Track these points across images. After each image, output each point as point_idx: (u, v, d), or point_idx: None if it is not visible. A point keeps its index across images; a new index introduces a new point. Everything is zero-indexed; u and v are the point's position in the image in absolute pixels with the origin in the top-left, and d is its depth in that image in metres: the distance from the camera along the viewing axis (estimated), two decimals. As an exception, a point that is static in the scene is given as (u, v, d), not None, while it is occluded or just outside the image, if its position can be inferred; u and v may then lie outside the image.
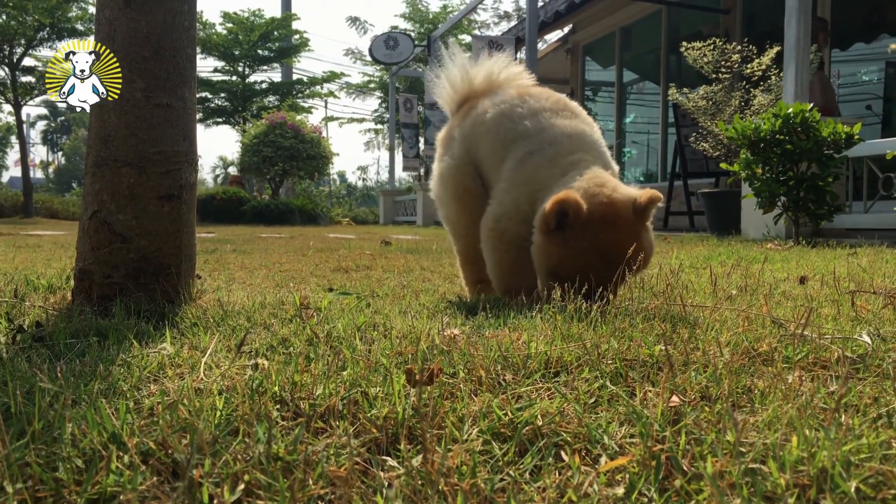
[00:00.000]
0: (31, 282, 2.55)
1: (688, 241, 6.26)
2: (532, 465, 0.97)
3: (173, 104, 2.15)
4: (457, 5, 26.67)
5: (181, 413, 1.08)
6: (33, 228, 12.05)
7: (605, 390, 1.25)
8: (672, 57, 13.64)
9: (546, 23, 14.68)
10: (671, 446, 0.99)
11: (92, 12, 20.97)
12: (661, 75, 13.96)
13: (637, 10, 14.14)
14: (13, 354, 1.46)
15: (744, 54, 8.79)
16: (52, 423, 1.02)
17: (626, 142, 16.32)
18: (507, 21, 28.39)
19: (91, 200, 2.12)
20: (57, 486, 0.86)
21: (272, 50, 23.57)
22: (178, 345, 1.58)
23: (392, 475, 0.94)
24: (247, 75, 23.88)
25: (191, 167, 2.22)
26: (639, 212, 2.09)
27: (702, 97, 8.95)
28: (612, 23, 15.15)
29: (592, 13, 14.92)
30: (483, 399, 1.19)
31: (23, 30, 20.01)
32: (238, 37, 22.60)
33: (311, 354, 1.47)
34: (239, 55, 22.96)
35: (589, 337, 1.54)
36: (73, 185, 56.81)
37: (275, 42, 23.41)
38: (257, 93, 23.65)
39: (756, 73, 8.59)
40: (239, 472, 0.90)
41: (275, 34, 23.13)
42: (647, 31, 14.59)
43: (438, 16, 25.99)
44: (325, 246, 6.53)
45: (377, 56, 17.69)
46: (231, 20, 22.21)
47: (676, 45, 11.50)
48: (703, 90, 9.00)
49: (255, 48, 23.03)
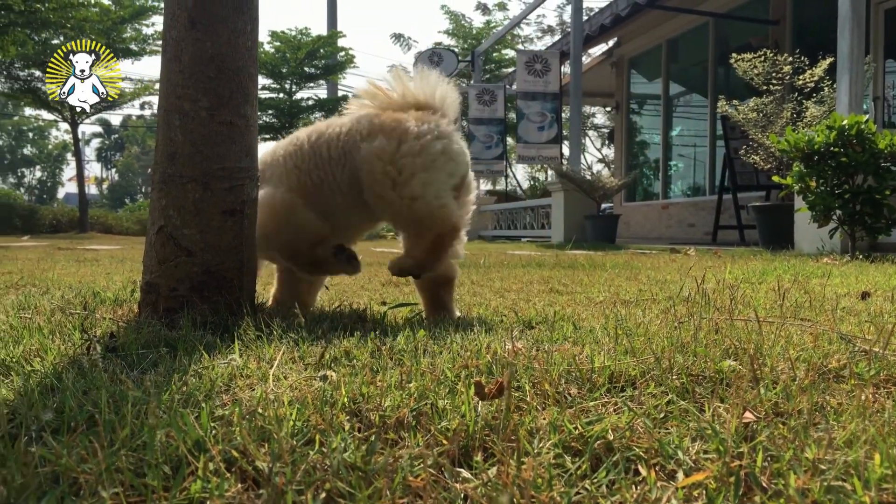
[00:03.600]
0: (98, 294, 2.63)
1: (740, 256, 6.16)
2: (607, 479, 0.97)
3: (236, 122, 2.21)
4: (500, 20, 26.82)
5: (257, 422, 1.11)
6: (89, 243, 12.40)
7: (673, 405, 1.24)
8: (720, 69, 13.48)
9: (591, 36, 14.65)
10: (748, 463, 0.98)
11: (145, 33, 21.64)
12: (709, 87, 13.81)
13: (684, 22, 14.03)
14: (90, 365, 1.51)
15: (795, 65, 8.65)
16: (135, 430, 1.06)
17: (672, 155, 16.15)
18: (551, 35, 28.39)
19: (158, 215, 2.18)
20: (147, 492, 0.89)
21: (318, 67, 23.93)
22: (245, 356, 1.61)
23: (467, 486, 0.95)
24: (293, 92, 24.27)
25: (253, 183, 2.27)
26: None
27: (752, 109, 8.82)
28: (658, 35, 15.05)
29: (638, 26, 14.85)
30: (551, 413, 1.19)
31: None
32: (285, 55, 23.01)
33: (376, 367, 1.50)
34: (286, 73, 23.36)
35: (651, 352, 1.53)
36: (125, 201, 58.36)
37: (321, 59, 23.76)
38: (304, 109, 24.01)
39: (808, 85, 8.44)
40: (319, 480, 0.92)
41: (321, 52, 23.49)
42: (694, 43, 14.46)
43: (481, 31, 26.13)
44: (373, 260, 6.58)
45: (422, 72, 17.82)
46: (279, 39, 22.62)
47: (724, 57, 11.38)
48: (753, 102, 8.88)
49: (301, 66, 23.41)
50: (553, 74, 13.69)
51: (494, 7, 27.62)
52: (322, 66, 23.83)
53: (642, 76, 17.03)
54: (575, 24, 12.11)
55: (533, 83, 13.45)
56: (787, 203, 8.35)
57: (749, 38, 12.27)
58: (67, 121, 23.10)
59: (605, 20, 14.03)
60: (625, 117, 17.24)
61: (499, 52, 25.61)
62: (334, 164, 2.32)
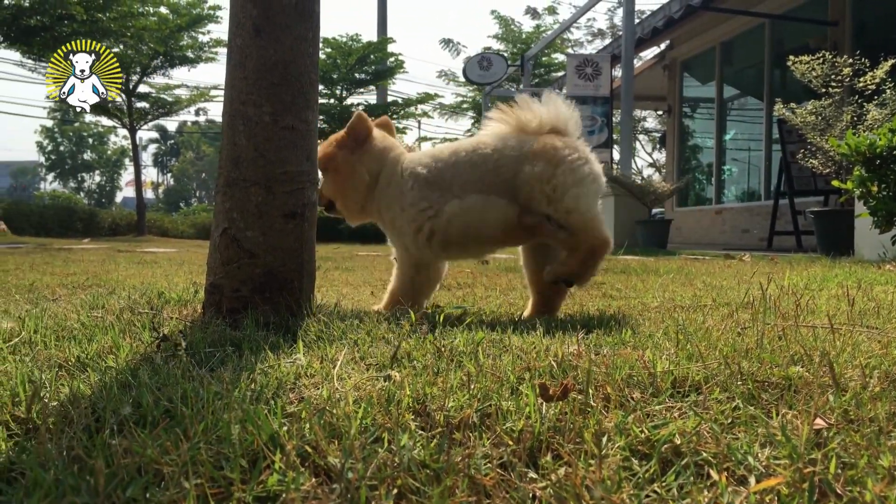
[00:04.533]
0: (163, 295, 2.71)
1: (798, 262, 6.02)
2: (676, 483, 0.96)
3: (298, 126, 2.26)
4: (550, 24, 26.69)
5: (327, 419, 1.13)
6: (147, 246, 12.74)
7: (740, 411, 1.23)
8: (776, 71, 13.20)
9: (643, 39, 14.49)
10: (821, 469, 0.96)
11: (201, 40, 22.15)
12: (765, 90, 13.53)
13: (739, 24, 13.78)
14: (162, 362, 1.56)
15: (855, 67, 8.42)
16: (210, 425, 1.09)
17: (725, 159, 15.86)
18: (601, 39, 28.18)
19: (222, 218, 2.24)
20: (226, 484, 0.92)
21: (369, 73, 24.19)
22: (308, 356, 1.65)
23: (536, 486, 0.96)
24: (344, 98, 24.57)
25: (313, 186, 2.32)
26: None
27: (810, 112, 8.61)
28: (712, 38, 14.81)
29: (691, 28, 14.64)
30: (616, 416, 1.19)
31: (139, 58, 21.30)
32: (336, 61, 23.31)
33: (437, 368, 1.51)
34: (337, 79, 23.66)
35: (720, 356, 1.52)
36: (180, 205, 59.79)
37: (371, 65, 24.01)
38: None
39: (869, 87, 8.21)
40: (390, 477, 0.94)
41: (371, 57, 23.74)
42: (749, 46, 14.19)
43: (531, 35, 26.05)
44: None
45: (471, 76, 17.87)
46: (330, 45, 22.93)
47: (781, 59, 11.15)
48: (811, 105, 8.67)
49: (352, 72, 23.69)
50: (604, 78, 13.58)
51: (544, 11, 27.61)
52: (372, 72, 24.08)
53: (695, 79, 16.77)
54: (627, 27, 12.01)
55: (583, 87, 13.37)
56: (846, 208, 8.13)
57: (807, 40, 11.98)
58: (126, 127, 23.77)
59: (658, 23, 13.86)
60: (677, 121, 17.00)
61: (548, 57, 25.49)
62: (494, 176, 2.52)
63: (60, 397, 1.30)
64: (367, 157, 2.66)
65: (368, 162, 2.66)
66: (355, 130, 2.68)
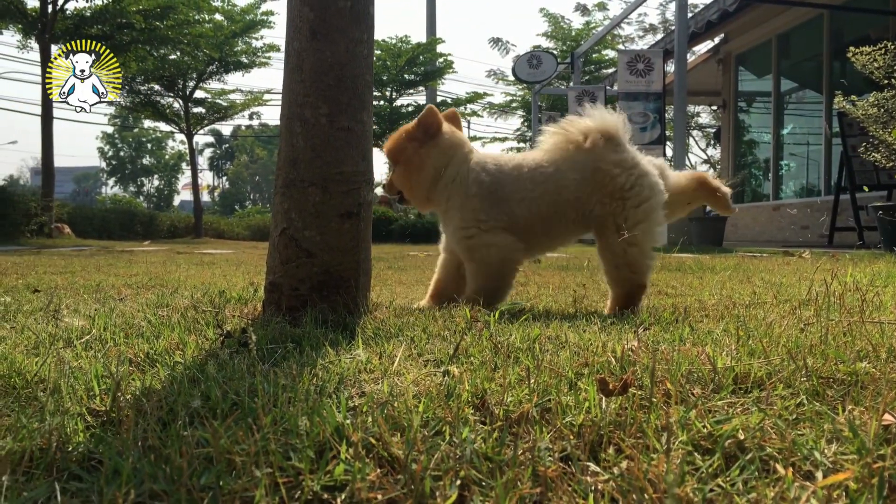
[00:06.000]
0: (224, 294, 2.79)
1: (861, 259, 5.84)
2: (741, 478, 0.96)
3: (353, 127, 2.30)
4: (600, 20, 26.41)
5: (389, 412, 1.15)
6: (205, 247, 13.05)
7: (804, 407, 1.21)
8: (836, 63, 12.82)
9: (696, 33, 14.23)
10: (890, 464, 0.95)
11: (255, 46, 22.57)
12: (824, 83, 13.15)
13: (796, 15, 13.43)
14: (227, 357, 1.61)
15: (920, 57, 8.12)
16: (278, 417, 1.12)
17: (783, 154, 15.47)
18: (653, 34, 27.75)
19: (280, 218, 2.29)
20: (295, 474, 0.95)
21: (418, 74, 24.35)
22: (367, 352, 1.68)
23: (597, 479, 0.96)
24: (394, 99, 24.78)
25: (368, 186, 2.35)
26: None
27: (872, 104, 8.34)
28: (767, 30, 14.46)
29: (747, 21, 14.31)
30: (677, 411, 1.18)
31: (195, 64, 21.83)
32: (386, 63, 23.52)
33: (494, 363, 1.52)
34: (387, 80, 23.88)
35: (784, 352, 1.49)
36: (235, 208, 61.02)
37: (420, 66, 24.16)
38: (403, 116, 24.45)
39: (935, 77, 7.91)
40: (453, 468, 0.96)
41: (420, 58, 23.88)
42: (806, 38, 13.81)
43: (581, 32, 25.83)
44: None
45: (520, 75, 17.81)
46: (380, 47, 23.15)
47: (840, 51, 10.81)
48: (873, 97, 8.39)
49: (402, 73, 23.88)
50: (656, 74, 13.36)
51: (594, 7, 27.22)
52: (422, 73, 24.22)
53: (751, 73, 16.40)
54: (680, 21, 11.81)
55: (635, 83, 13.18)
56: (912, 203, 7.86)
57: (867, 30, 11.61)
58: (183, 132, 24.39)
59: (712, 16, 13.60)
60: (732, 116, 16.65)
61: (599, 53, 25.26)
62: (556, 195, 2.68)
63: (133, 391, 1.36)
64: (435, 151, 2.72)
65: (437, 156, 2.72)
66: (426, 124, 2.73)
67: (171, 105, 23.84)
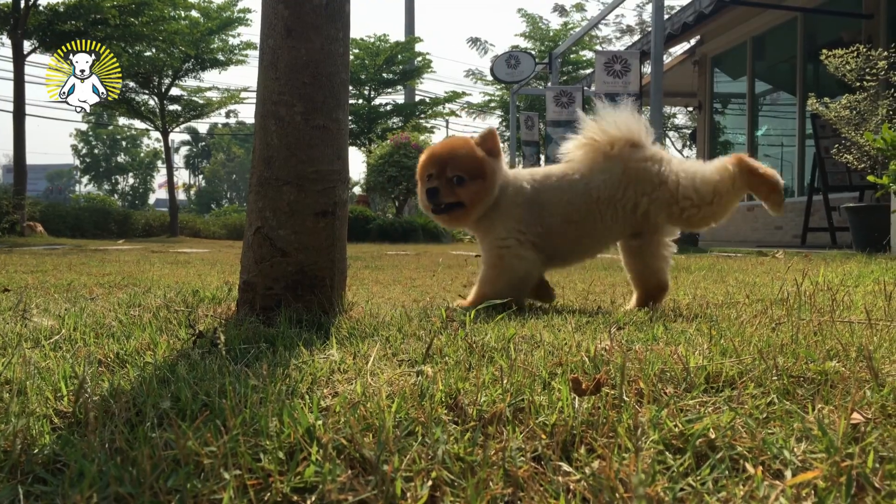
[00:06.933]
0: (198, 293, 2.76)
1: (832, 259, 5.92)
2: (711, 477, 0.96)
3: (329, 126, 2.28)
4: (577, 21, 26.54)
5: (361, 413, 1.15)
6: (180, 246, 12.92)
7: (775, 406, 1.22)
8: (809, 66, 12.98)
9: (673, 35, 14.33)
10: (859, 463, 0.96)
11: (232, 43, 22.38)
12: (798, 85, 13.31)
13: (770, 18, 13.58)
14: (199, 358, 1.59)
15: (891, 60, 8.25)
16: (248, 418, 1.11)
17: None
18: (630, 35, 27.93)
19: (255, 217, 2.27)
20: (264, 475, 0.94)
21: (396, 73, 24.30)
22: (341, 352, 1.67)
23: (569, 479, 0.96)
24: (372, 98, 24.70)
25: (344, 185, 2.34)
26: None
27: (844, 107, 8.46)
28: (743, 32, 14.61)
29: (722, 23, 14.45)
30: (649, 411, 1.19)
31: (171, 62, 21.58)
32: (364, 61, 23.45)
33: (468, 363, 1.52)
34: (365, 79, 23.80)
35: (755, 351, 1.50)
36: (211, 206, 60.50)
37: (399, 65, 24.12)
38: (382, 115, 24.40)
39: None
40: (425, 469, 0.95)
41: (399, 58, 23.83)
42: (781, 40, 13.97)
43: (559, 33, 25.94)
44: (452, 263, 6.64)
45: (499, 75, 17.84)
46: (358, 46, 23.09)
47: (813, 54, 10.96)
48: (845, 99, 8.51)
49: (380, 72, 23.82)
50: (633, 75, 13.45)
51: (572, 8, 27.35)
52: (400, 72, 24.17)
53: (726, 74, 16.56)
54: (656, 23, 11.89)
55: (612, 84, 13.25)
56: (882, 204, 7.98)
57: (840, 33, 11.78)
58: (159, 129, 24.11)
59: (688, 18, 13.70)
60: (708, 117, 16.80)
61: (577, 54, 25.37)
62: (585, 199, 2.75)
63: (101, 392, 1.33)
64: (499, 167, 2.78)
65: (500, 172, 2.78)
66: (494, 145, 2.77)
67: (147, 102, 23.55)
